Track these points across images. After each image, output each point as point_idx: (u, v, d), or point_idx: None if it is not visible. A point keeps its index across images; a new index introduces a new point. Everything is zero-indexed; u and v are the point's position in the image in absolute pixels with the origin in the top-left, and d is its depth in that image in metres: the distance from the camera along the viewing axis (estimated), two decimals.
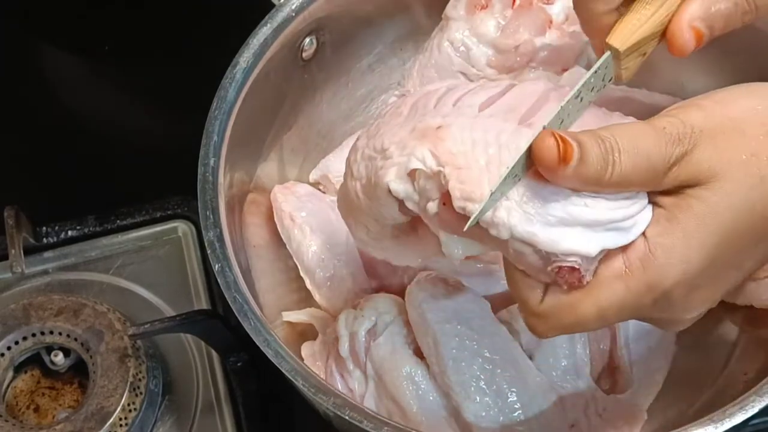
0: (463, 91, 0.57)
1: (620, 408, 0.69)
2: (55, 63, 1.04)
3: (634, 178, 0.50)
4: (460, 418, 0.65)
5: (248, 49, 0.72)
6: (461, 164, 0.52)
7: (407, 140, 0.54)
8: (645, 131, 0.50)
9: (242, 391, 0.77)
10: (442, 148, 0.52)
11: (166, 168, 0.88)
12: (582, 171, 0.49)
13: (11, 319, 0.77)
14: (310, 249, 0.74)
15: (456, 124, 0.53)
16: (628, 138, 0.50)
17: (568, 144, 0.49)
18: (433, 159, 0.53)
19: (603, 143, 0.49)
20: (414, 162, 0.53)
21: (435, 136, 0.53)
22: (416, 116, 0.56)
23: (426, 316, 0.66)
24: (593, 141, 0.49)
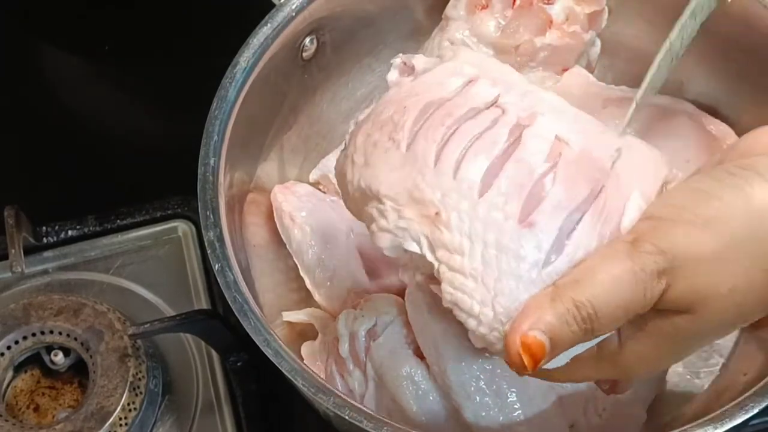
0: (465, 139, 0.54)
1: (620, 408, 0.69)
2: (55, 63, 1.04)
3: (612, 328, 0.50)
4: (460, 418, 0.65)
5: (248, 49, 0.72)
6: (456, 267, 0.52)
7: (404, 205, 0.53)
8: (622, 279, 0.49)
9: (242, 391, 0.77)
10: (440, 239, 0.52)
11: (166, 168, 0.88)
12: (557, 353, 0.50)
13: (11, 319, 0.77)
14: (310, 249, 0.74)
15: (455, 213, 0.52)
16: (604, 295, 0.48)
17: (536, 348, 0.48)
18: (429, 249, 0.53)
19: (578, 316, 0.49)
20: (409, 243, 0.53)
21: (433, 222, 0.53)
22: (415, 163, 0.54)
23: (426, 316, 0.66)
24: (567, 319, 0.49)
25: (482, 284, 0.51)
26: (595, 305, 0.48)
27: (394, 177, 0.54)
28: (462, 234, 0.52)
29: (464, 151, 0.53)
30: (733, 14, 0.74)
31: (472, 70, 0.56)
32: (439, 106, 0.55)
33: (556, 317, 0.49)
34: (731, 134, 0.78)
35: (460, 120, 0.54)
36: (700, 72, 0.80)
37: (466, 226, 0.52)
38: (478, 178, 0.52)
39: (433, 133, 0.54)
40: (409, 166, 0.54)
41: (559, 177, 0.52)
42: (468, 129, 0.54)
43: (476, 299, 0.51)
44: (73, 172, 0.93)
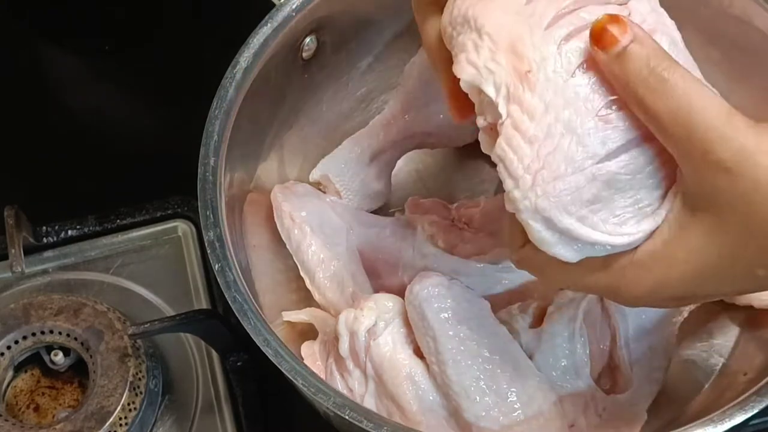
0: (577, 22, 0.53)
1: (620, 408, 0.69)
2: (55, 63, 1.04)
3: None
4: (460, 418, 0.65)
5: (248, 48, 0.72)
6: (521, 127, 0.52)
7: (502, 50, 0.53)
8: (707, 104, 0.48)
9: (242, 390, 0.77)
10: (520, 95, 0.52)
11: (166, 168, 0.88)
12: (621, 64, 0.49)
13: (11, 319, 0.77)
14: (310, 249, 0.74)
15: (545, 80, 0.52)
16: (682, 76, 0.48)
17: (623, 25, 0.49)
18: (505, 99, 0.52)
19: (659, 67, 0.48)
20: (489, 86, 0.53)
21: (521, 77, 0.52)
22: (530, 17, 0.53)
23: (426, 316, 0.66)
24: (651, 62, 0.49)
25: (536, 152, 0.51)
26: (673, 81, 0.48)
27: (505, 20, 0.54)
28: (542, 100, 0.52)
29: (577, 31, 0.53)
30: (733, 14, 0.74)
31: None
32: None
33: (650, 48, 0.49)
34: None
35: (585, 1, 0.54)
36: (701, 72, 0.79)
37: (549, 95, 0.52)
38: (577, 61, 0.52)
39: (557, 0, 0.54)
40: (524, 17, 0.53)
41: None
42: (592, 12, 0.53)
43: (524, 163, 0.52)
44: (73, 172, 0.93)
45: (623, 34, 0.49)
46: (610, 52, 0.50)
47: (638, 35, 0.50)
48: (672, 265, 0.52)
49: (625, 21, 0.50)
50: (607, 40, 0.50)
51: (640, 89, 0.49)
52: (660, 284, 0.52)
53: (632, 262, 0.53)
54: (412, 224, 0.77)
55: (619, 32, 0.49)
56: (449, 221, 0.78)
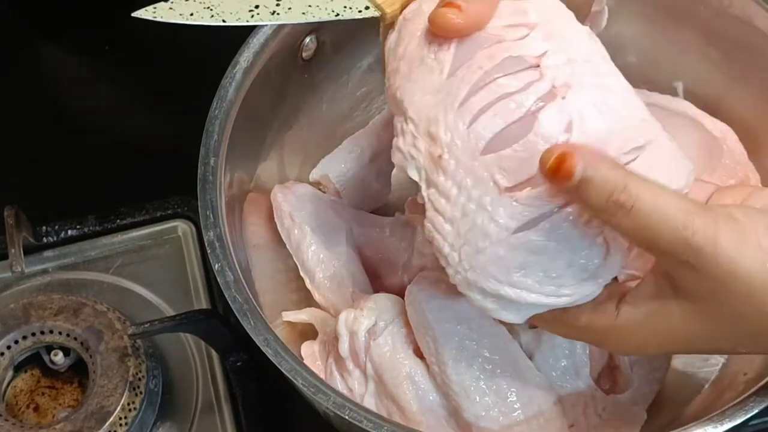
0: (488, 97, 0.56)
1: (620, 408, 0.69)
2: (55, 63, 1.04)
3: (629, 236, 0.53)
4: (460, 418, 0.65)
5: (248, 48, 0.72)
6: (440, 209, 0.57)
7: (420, 135, 0.57)
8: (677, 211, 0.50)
9: (242, 391, 0.77)
10: (435, 180, 0.56)
11: (166, 168, 0.88)
12: (573, 192, 0.51)
13: (11, 319, 0.77)
14: (310, 249, 0.74)
15: (454, 161, 0.55)
16: (652, 205, 0.50)
17: (566, 167, 0.50)
18: (425, 183, 0.57)
19: (619, 193, 0.50)
20: (412, 172, 0.58)
21: (435, 163, 0.56)
22: (447, 96, 0.56)
23: (426, 316, 0.66)
24: (607, 184, 0.50)
25: (456, 230, 0.56)
26: (638, 204, 0.50)
27: (424, 102, 0.57)
28: (454, 182, 0.56)
29: (489, 105, 0.56)
30: (733, 14, 0.74)
31: (535, 17, 0.58)
32: (488, 44, 0.57)
33: (603, 172, 0.50)
34: (731, 134, 0.78)
35: (498, 70, 0.56)
36: (700, 72, 0.80)
37: (460, 177, 0.55)
38: (488, 136, 0.55)
39: (471, 74, 0.56)
40: (442, 96, 0.57)
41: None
42: (502, 84, 0.56)
43: (448, 242, 0.56)
44: (73, 172, 0.93)
45: (574, 167, 0.50)
46: (567, 186, 0.51)
47: (587, 159, 0.51)
48: (654, 334, 0.55)
49: (572, 153, 0.51)
50: (562, 177, 0.51)
51: (602, 215, 0.51)
52: (643, 347, 0.56)
53: (614, 326, 0.55)
54: (412, 224, 0.77)
55: (570, 166, 0.51)
56: None
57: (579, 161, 0.50)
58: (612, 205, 0.50)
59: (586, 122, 0.55)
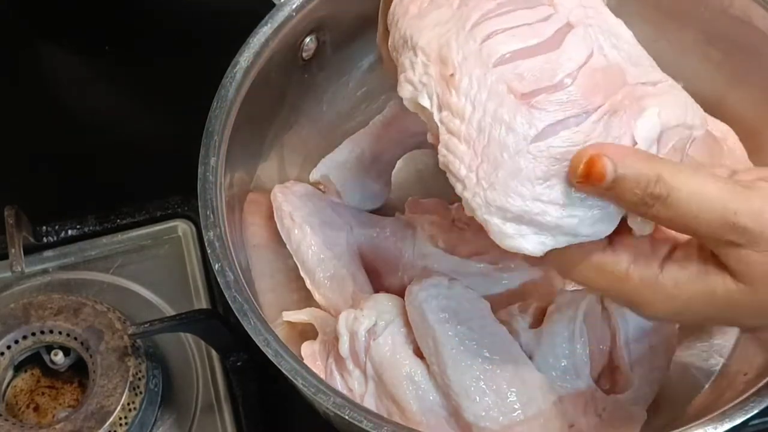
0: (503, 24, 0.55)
1: (620, 408, 0.69)
2: (55, 63, 1.04)
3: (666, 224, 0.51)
4: (460, 418, 0.65)
5: (248, 48, 0.72)
6: (454, 130, 0.54)
7: (432, 62, 0.55)
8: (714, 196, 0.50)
9: (242, 390, 0.77)
10: (448, 100, 0.54)
11: (166, 167, 0.88)
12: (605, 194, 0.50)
13: (11, 319, 0.77)
14: (310, 249, 0.74)
15: (467, 78, 0.53)
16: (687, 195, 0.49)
17: (597, 171, 0.50)
18: (437, 108, 0.55)
19: (652, 187, 0.49)
20: (424, 99, 0.55)
21: (447, 82, 0.54)
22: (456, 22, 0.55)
23: (426, 316, 0.66)
24: (640, 180, 0.50)
25: (472, 149, 0.53)
26: (674, 193, 0.49)
27: (435, 32, 0.56)
28: (467, 99, 0.53)
29: (505, 29, 0.55)
30: (734, 15, 0.74)
31: None
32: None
33: (635, 167, 0.50)
34: (732, 134, 0.78)
35: (512, 3, 0.56)
36: (700, 72, 0.80)
37: (473, 92, 0.53)
38: (501, 51, 0.54)
39: (485, 2, 0.56)
40: (452, 23, 0.55)
41: (579, 79, 0.53)
42: (518, 15, 0.55)
43: (465, 164, 0.53)
44: (73, 172, 0.93)
45: (605, 168, 0.50)
46: (600, 187, 0.51)
47: (617, 157, 0.50)
48: (695, 299, 0.53)
49: (600, 155, 0.50)
50: (594, 180, 0.50)
51: (639, 209, 0.51)
52: (679, 312, 0.54)
53: (655, 282, 0.53)
54: (412, 224, 0.77)
55: (601, 168, 0.50)
56: (449, 221, 0.78)
57: (608, 162, 0.49)
58: (648, 199, 0.49)
59: (605, 51, 0.54)
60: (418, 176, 0.86)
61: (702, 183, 0.49)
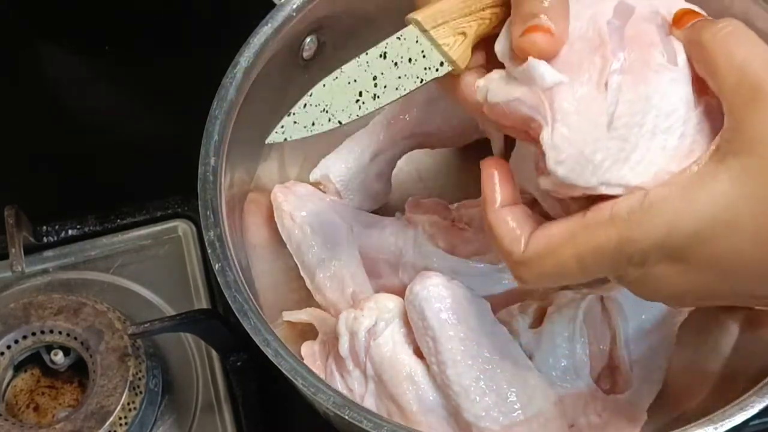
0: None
1: (620, 408, 0.69)
2: (55, 63, 1.04)
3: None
4: (460, 418, 0.65)
5: (249, 48, 0.72)
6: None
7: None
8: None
9: (242, 390, 0.77)
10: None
11: (167, 167, 0.88)
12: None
13: (11, 318, 0.77)
14: (310, 249, 0.74)
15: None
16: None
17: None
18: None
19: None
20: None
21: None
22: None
23: (426, 316, 0.66)
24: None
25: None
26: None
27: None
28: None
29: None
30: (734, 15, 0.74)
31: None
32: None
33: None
34: None
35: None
36: None
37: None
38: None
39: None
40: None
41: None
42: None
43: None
44: (73, 172, 0.93)
45: (696, 17, 0.54)
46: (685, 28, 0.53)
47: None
48: (686, 206, 0.50)
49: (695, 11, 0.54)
50: (684, 22, 0.54)
51: (707, 46, 0.51)
52: (672, 226, 0.50)
53: (640, 206, 0.51)
54: (412, 224, 0.77)
55: (693, 16, 0.54)
56: (449, 221, 0.78)
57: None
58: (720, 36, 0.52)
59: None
60: (418, 176, 0.86)
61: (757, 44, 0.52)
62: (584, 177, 0.52)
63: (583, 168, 0.52)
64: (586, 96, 0.52)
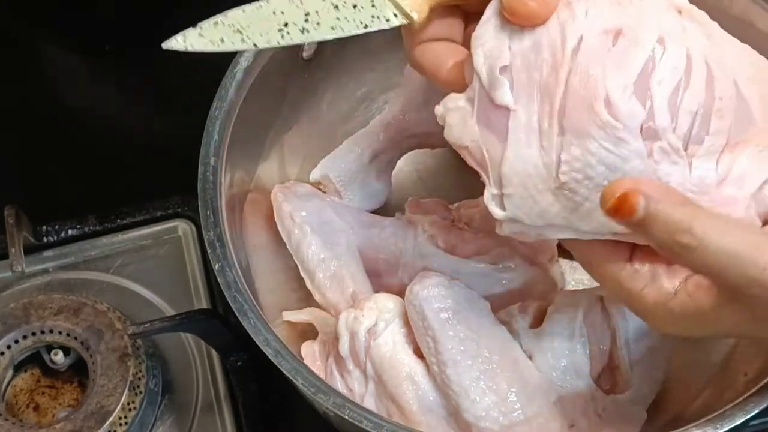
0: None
1: (620, 408, 0.69)
2: (55, 63, 1.04)
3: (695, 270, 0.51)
4: (460, 418, 0.65)
5: None
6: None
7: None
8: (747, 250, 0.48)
9: (242, 390, 0.77)
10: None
11: (167, 167, 0.88)
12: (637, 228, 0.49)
13: (11, 318, 0.77)
14: (310, 249, 0.74)
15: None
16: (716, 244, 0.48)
17: (630, 204, 0.49)
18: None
19: (681, 233, 0.48)
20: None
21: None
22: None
23: (426, 316, 0.66)
24: (669, 225, 0.49)
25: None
26: (704, 244, 0.48)
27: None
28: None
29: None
30: (734, 15, 0.74)
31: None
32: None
33: (668, 210, 0.49)
34: None
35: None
36: None
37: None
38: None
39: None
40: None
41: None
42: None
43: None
44: (74, 171, 0.93)
45: (636, 205, 0.49)
46: (630, 222, 0.50)
47: (652, 196, 0.49)
48: (702, 325, 0.52)
49: (635, 191, 0.49)
50: (626, 212, 0.49)
51: (669, 252, 0.50)
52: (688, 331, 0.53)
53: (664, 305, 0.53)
54: (412, 224, 0.77)
55: (633, 204, 0.49)
56: (449, 221, 0.78)
57: (641, 199, 0.49)
58: (675, 246, 0.49)
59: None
60: (418, 176, 0.86)
61: (735, 237, 0.48)
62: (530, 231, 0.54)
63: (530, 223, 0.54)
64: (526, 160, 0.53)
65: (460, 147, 0.55)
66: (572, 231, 0.54)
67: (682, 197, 0.50)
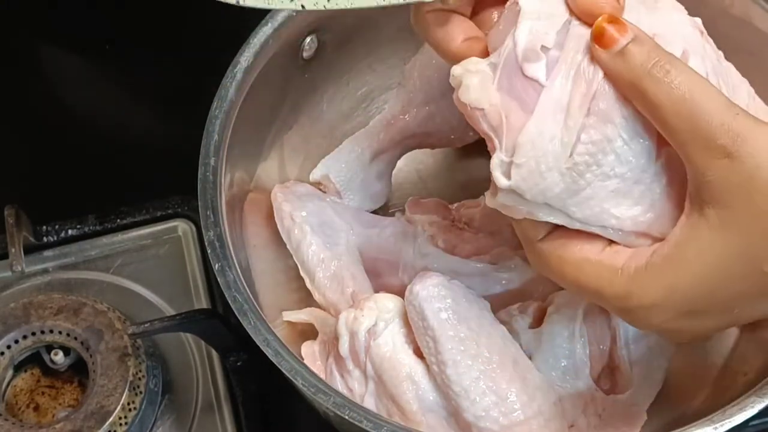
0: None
1: (620, 408, 0.69)
2: (55, 62, 1.04)
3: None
4: (460, 418, 0.65)
5: (249, 48, 0.72)
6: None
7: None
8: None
9: (242, 390, 0.77)
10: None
11: (167, 167, 0.88)
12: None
13: (11, 318, 0.77)
14: (310, 249, 0.74)
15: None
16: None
17: (622, 25, 0.50)
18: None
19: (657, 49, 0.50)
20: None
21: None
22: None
23: (426, 316, 0.66)
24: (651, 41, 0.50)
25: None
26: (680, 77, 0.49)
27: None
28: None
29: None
30: (734, 15, 0.74)
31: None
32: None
33: (650, 45, 0.51)
34: None
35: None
36: None
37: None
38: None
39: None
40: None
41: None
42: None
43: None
44: (73, 171, 0.93)
45: (623, 34, 0.50)
46: (611, 50, 0.50)
47: (638, 35, 0.51)
48: (683, 265, 0.52)
49: (623, 22, 0.51)
50: (607, 39, 0.50)
51: (643, 82, 0.50)
52: (672, 288, 0.52)
53: (645, 265, 0.53)
54: (412, 224, 0.77)
55: (618, 31, 0.50)
56: (449, 221, 0.78)
57: (629, 32, 0.50)
58: (656, 71, 0.49)
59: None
60: (418, 176, 0.86)
61: (705, 82, 0.50)
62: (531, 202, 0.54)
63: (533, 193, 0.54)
64: (547, 134, 0.53)
65: (475, 108, 0.54)
66: (564, 216, 0.54)
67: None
